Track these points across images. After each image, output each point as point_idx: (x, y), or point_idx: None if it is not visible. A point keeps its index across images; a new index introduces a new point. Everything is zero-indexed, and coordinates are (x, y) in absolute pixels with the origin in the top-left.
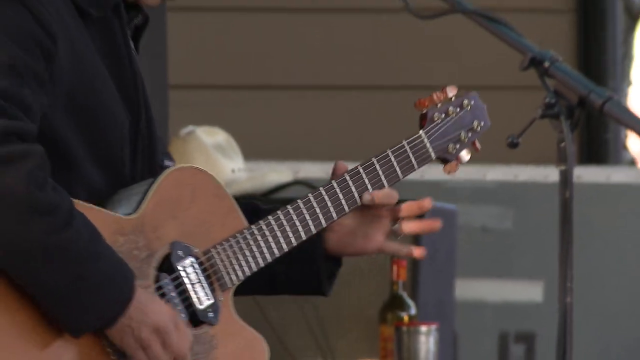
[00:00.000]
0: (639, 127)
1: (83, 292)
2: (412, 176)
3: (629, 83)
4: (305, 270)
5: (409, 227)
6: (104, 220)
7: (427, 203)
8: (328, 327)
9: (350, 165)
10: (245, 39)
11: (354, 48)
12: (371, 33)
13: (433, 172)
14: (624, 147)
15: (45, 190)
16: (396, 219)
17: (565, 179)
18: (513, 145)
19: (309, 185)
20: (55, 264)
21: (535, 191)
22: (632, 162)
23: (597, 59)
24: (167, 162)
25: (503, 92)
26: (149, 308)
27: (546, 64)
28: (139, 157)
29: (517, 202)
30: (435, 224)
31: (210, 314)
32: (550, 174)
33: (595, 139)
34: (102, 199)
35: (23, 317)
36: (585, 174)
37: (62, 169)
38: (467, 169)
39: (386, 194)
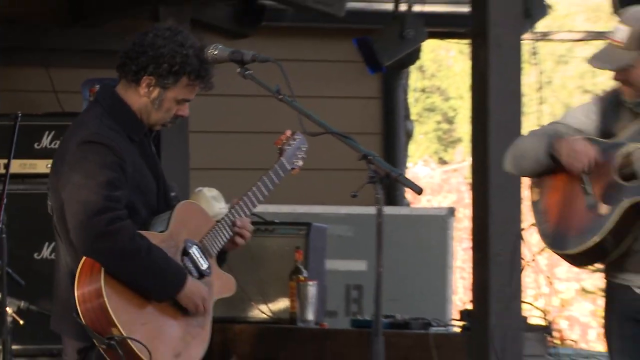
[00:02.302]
0: (412, 187)
1: (164, 282)
2: (305, 209)
3: (406, 168)
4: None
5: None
6: (154, 237)
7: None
8: (265, 282)
9: None
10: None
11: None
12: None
13: (316, 209)
14: (404, 197)
15: (134, 240)
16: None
17: (379, 212)
18: (354, 196)
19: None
20: (148, 275)
21: (363, 218)
22: (409, 204)
23: (392, 157)
24: (173, 194)
25: (348, 171)
26: (197, 287)
27: (370, 157)
28: (160, 199)
29: (355, 223)
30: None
31: (208, 271)
32: (371, 210)
33: (392, 192)
34: (147, 224)
35: (133, 296)
36: (387, 210)
37: (133, 216)
38: (332, 208)
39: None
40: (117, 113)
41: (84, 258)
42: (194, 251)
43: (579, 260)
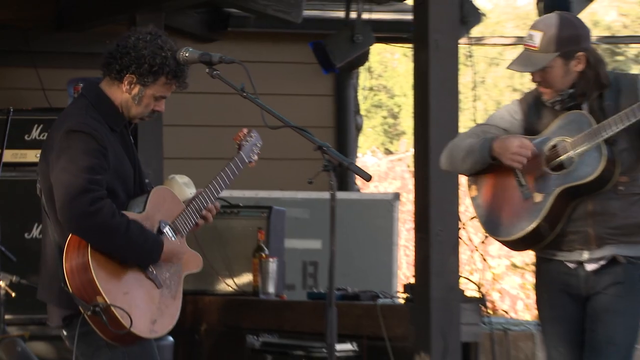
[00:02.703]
0: (361, 174)
1: (145, 252)
2: (266, 194)
3: (356, 157)
4: None
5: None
6: (133, 217)
7: (217, 206)
8: (231, 259)
9: None
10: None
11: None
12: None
13: (276, 194)
14: (354, 183)
15: (115, 217)
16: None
17: (332, 197)
18: (310, 183)
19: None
20: (131, 247)
21: (318, 202)
22: (359, 190)
23: (343, 147)
24: (147, 180)
25: (305, 160)
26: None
27: (324, 148)
28: (136, 184)
29: (311, 207)
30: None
31: None
32: (325, 194)
33: (344, 179)
34: (125, 206)
35: (116, 268)
36: (339, 195)
37: (113, 199)
38: (291, 193)
39: (212, 209)
40: (100, 106)
41: (70, 235)
42: (167, 230)
43: (519, 245)
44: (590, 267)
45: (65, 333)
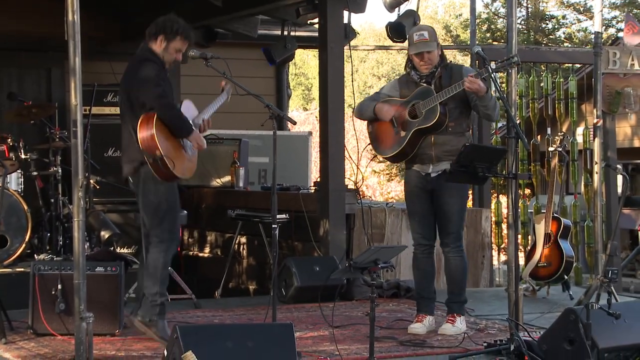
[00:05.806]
0: (291, 121)
1: (184, 128)
2: (238, 132)
3: (288, 112)
4: None
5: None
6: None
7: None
8: (218, 167)
9: None
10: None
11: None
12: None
13: (243, 132)
14: (287, 126)
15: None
16: None
17: (274, 133)
18: (262, 125)
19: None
20: (180, 121)
21: (267, 137)
22: (289, 129)
23: (281, 106)
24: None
25: (259, 113)
26: (197, 133)
27: (270, 106)
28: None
29: (263, 139)
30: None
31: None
32: (270, 132)
33: (281, 123)
34: None
35: (168, 138)
36: (278, 132)
37: None
38: (251, 131)
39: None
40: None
41: (140, 117)
42: (192, 121)
43: (392, 159)
44: (433, 174)
45: (131, 180)
